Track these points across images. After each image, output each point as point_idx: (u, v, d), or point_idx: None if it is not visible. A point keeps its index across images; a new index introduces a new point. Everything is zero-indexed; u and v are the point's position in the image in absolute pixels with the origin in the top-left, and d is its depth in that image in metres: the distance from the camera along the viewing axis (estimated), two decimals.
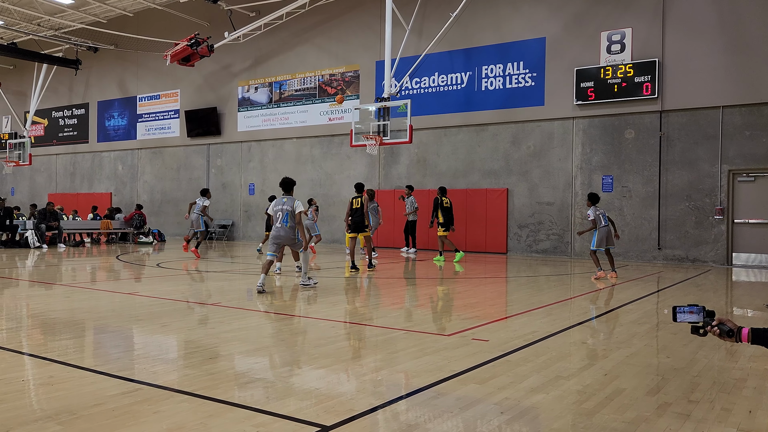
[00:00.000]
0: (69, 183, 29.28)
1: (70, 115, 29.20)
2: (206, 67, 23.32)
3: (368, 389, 4.28)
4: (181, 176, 25.21)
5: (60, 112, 29.54)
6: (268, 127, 22.57)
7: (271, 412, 3.67)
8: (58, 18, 25.19)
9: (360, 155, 20.02)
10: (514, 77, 17.60)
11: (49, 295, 9.09)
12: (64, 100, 29.27)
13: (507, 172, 17.83)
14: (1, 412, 3.62)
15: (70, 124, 29.19)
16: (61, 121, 29.55)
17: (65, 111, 29.36)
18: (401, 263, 15.04)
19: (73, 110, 29.07)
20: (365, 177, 20.33)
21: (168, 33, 23.02)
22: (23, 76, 29.31)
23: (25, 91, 29.06)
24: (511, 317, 7.37)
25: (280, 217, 9.37)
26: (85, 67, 26.85)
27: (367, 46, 20.15)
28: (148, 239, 22.01)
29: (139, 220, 22.32)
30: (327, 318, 7.18)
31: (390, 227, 19.28)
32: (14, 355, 5.15)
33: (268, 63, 22.57)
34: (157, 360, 5.08)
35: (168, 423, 3.47)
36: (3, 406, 3.76)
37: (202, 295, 9.29)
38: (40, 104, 27.41)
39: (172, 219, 24.96)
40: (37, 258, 15.38)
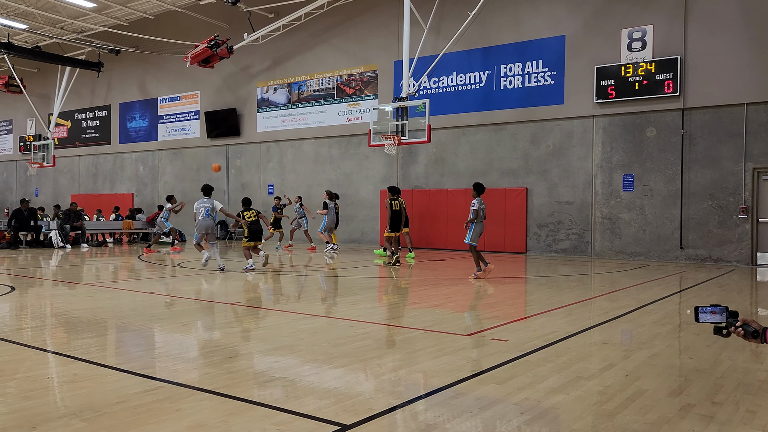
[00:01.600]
0: (91, 184, 29.70)
1: (92, 117, 29.61)
2: (226, 68, 23.50)
3: (387, 389, 4.28)
4: (200, 177, 25.42)
5: (83, 114, 29.98)
6: (286, 127, 22.68)
7: (290, 411, 3.69)
8: (80, 21, 25.57)
9: (378, 155, 20.04)
10: (533, 76, 17.49)
11: (72, 295, 9.23)
12: (87, 102, 29.70)
13: (526, 172, 17.72)
14: (27, 409, 3.68)
15: (92, 125, 29.61)
16: (83, 123, 29.99)
17: (88, 113, 29.79)
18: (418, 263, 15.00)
19: (95, 112, 29.49)
20: (383, 177, 20.35)
21: (188, 35, 23.25)
22: (47, 78, 29.79)
23: (48, 94, 29.53)
24: (530, 317, 7.33)
25: (202, 212, 12.85)
26: (107, 69, 27.23)
27: (385, 46, 20.16)
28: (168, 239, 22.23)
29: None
30: (346, 317, 7.19)
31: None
32: (39, 353, 5.24)
33: (286, 64, 22.68)
34: (178, 358, 5.13)
35: (189, 421, 3.50)
36: (29, 403, 3.83)
37: (221, 294, 9.37)
38: (63, 106, 27.84)
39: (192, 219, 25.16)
40: (61, 258, 15.63)
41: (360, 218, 20.86)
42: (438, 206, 18.98)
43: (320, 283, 11.06)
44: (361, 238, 20.79)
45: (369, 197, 20.57)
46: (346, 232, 20.98)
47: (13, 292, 8.94)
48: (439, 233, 18.98)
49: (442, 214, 18.91)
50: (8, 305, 7.91)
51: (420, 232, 19.18)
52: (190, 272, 12.32)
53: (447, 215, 18.75)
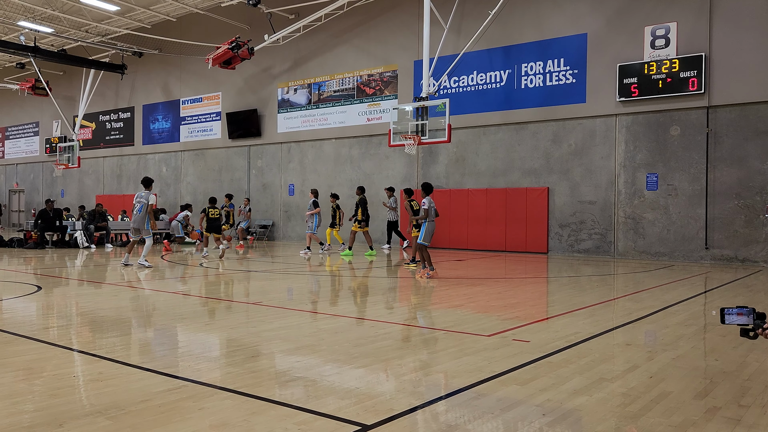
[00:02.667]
0: (116, 185, 30.13)
1: (116, 119, 30.04)
2: (247, 69, 23.67)
3: (408, 389, 4.28)
4: (222, 177, 25.66)
5: (107, 116, 30.43)
6: (307, 128, 22.78)
7: (312, 411, 3.71)
8: (104, 24, 25.96)
9: (398, 155, 20.03)
10: (554, 74, 17.34)
11: (97, 294, 9.37)
12: (111, 104, 30.14)
13: (548, 171, 17.58)
14: (55, 407, 3.75)
15: (116, 127, 30.04)
16: (107, 125, 30.44)
17: (112, 115, 30.23)
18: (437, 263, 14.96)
19: (119, 114, 29.91)
20: (404, 177, 20.33)
21: (210, 37, 23.47)
22: (72, 81, 30.30)
23: (74, 96, 30.05)
24: (552, 318, 7.27)
25: (137, 207, 12.78)
26: (131, 71, 27.62)
27: (405, 45, 20.14)
28: (191, 239, 22.47)
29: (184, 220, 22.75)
30: (367, 317, 7.20)
31: None
32: (65, 351, 5.33)
33: (307, 64, 22.78)
34: (200, 358, 5.18)
35: (212, 419, 3.54)
36: (56, 400, 3.90)
37: (243, 294, 9.44)
38: (87, 108, 28.30)
39: None
40: (86, 258, 15.87)
41: (381, 218, 20.85)
42: (458, 206, 18.92)
43: (341, 283, 11.09)
44: (382, 239, 20.78)
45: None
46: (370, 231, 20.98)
47: (40, 291, 9.11)
48: (460, 233, 18.91)
49: (463, 214, 18.85)
50: (35, 304, 8.06)
51: (440, 232, 19.09)
52: (211, 272, 12.43)
53: (468, 215, 18.69)
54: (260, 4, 20.59)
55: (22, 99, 32.85)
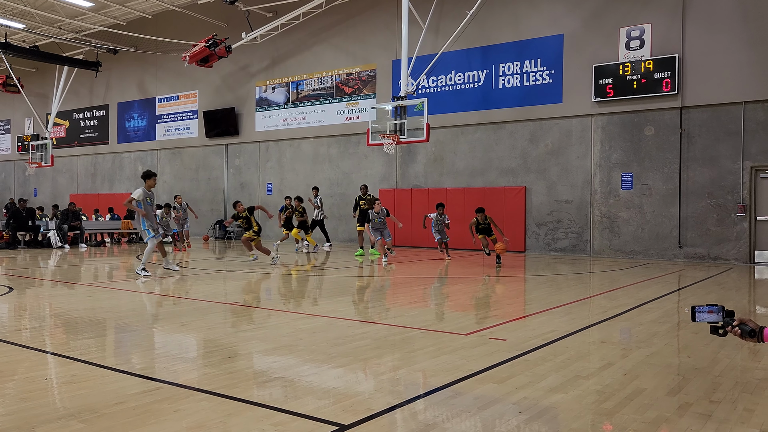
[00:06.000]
0: (90, 184, 29.68)
1: (90, 117, 29.60)
2: (224, 67, 23.48)
3: (386, 388, 4.28)
4: (200, 176, 25.43)
5: (81, 114, 29.96)
6: (285, 126, 22.68)
7: (289, 411, 3.69)
8: (78, 21, 25.54)
9: (377, 154, 20.04)
10: (531, 75, 17.49)
11: (71, 295, 9.23)
12: (85, 101, 29.68)
13: (525, 170, 17.74)
14: (25, 410, 3.68)
15: (90, 125, 29.60)
16: (82, 123, 29.97)
17: (86, 112, 29.78)
18: (415, 262, 15.00)
19: (93, 112, 29.47)
20: (382, 176, 20.35)
21: (186, 34, 23.23)
22: (45, 78, 29.76)
23: (46, 93, 29.51)
24: (529, 316, 7.33)
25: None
26: (105, 69, 27.20)
27: (383, 45, 20.16)
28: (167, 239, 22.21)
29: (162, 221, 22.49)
30: (344, 317, 7.20)
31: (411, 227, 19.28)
32: (37, 353, 5.23)
33: (285, 63, 22.67)
34: (176, 359, 5.13)
35: (188, 421, 3.50)
36: (27, 404, 3.82)
37: (220, 294, 9.37)
38: (61, 106, 27.80)
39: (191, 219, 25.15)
40: (59, 258, 15.61)
41: None
42: None
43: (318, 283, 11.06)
44: None
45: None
46: (346, 231, 21.00)
47: (12, 292, 8.94)
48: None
49: None
50: (6, 306, 7.90)
51: (420, 231, 19.17)
52: (189, 272, 12.31)
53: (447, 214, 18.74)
54: (237, 1, 20.45)
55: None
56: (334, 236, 20.66)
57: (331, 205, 21.27)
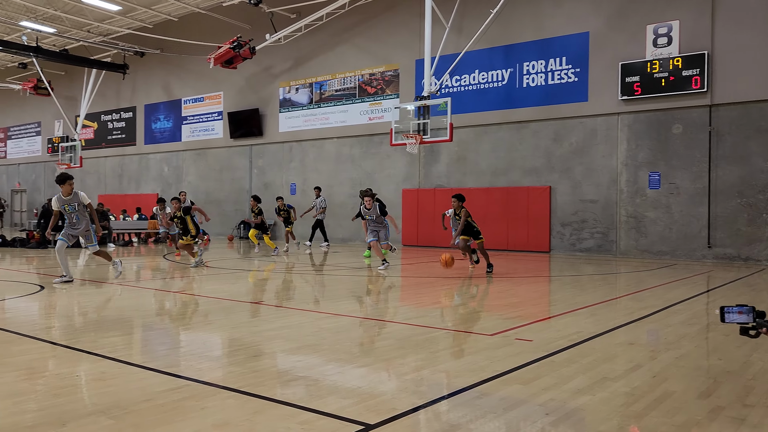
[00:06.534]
0: (117, 184, 30.15)
1: (118, 119, 30.07)
2: (248, 69, 23.67)
3: (410, 388, 4.27)
4: (224, 177, 25.68)
5: (109, 116, 30.45)
6: (308, 127, 22.78)
7: (314, 410, 3.70)
8: (106, 24, 25.97)
9: (400, 154, 20.02)
10: (556, 73, 17.32)
11: (99, 294, 9.38)
12: (113, 103, 30.16)
13: (549, 170, 17.57)
14: (57, 406, 3.75)
15: (118, 127, 30.06)
16: (109, 125, 30.46)
17: (113, 114, 30.25)
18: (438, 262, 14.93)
19: (121, 113, 29.93)
20: (405, 176, 20.34)
21: (211, 36, 23.46)
22: (74, 81, 30.32)
23: (75, 96, 30.06)
24: (554, 317, 7.26)
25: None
26: (132, 71, 27.63)
27: (406, 45, 20.13)
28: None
29: None
30: (367, 317, 7.20)
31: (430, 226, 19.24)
32: (68, 351, 5.33)
33: (308, 64, 22.78)
34: (202, 357, 5.18)
35: (215, 419, 3.53)
36: (58, 400, 3.90)
37: (244, 293, 9.44)
38: (89, 108, 28.31)
39: (216, 219, 25.41)
40: (88, 257, 15.87)
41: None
42: None
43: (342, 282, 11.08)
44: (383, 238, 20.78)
45: (390, 196, 20.53)
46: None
47: (42, 291, 9.11)
48: None
49: None
50: (37, 304, 8.06)
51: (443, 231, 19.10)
52: (214, 272, 12.43)
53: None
54: (261, 3, 20.60)
55: (24, 99, 32.89)
56: (356, 236, 20.70)
57: (355, 205, 21.30)
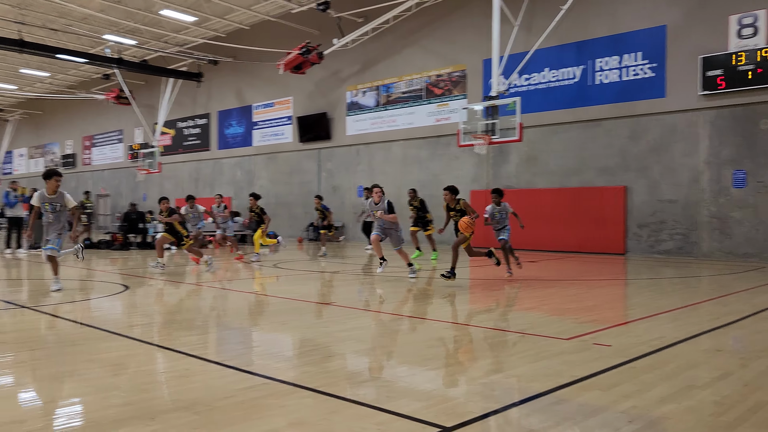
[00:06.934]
0: (193, 188, 31.32)
1: (193, 125, 31.25)
2: (316, 73, 24.09)
3: (484, 392, 4.22)
4: (293, 180, 26.22)
5: (185, 123, 31.70)
6: (375, 130, 22.95)
7: (390, 411, 3.71)
8: (182, 35, 27.07)
9: (467, 155, 19.85)
10: (631, 69, 16.72)
11: (178, 293, 9.76)
12: (188, 111, 31.37)
13: (624, 169, 16.97)
14: (145, 401, 3.93)
15: (193, 133, 31.24)
16: (185, 131, 31.70)
17: (189, 121, 31.47)
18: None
19: (196, 120, 31.10)
20: (473, 177, 20.14)
21: (281, 43, 24.02)
22: (152, 90, 31.75)
23: (154, 104, 31.46)
24: (633, 322, 6.99)
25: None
26: (206, 79, 28.69)
27: (473, 44, 19.95)
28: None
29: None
30: (439, 319, 7.16)
31: None
32: (152, 348, 5.57)
33: (375, 67, 22.95)
34: (278, 357, 5.30)
35: (293, 417, 3.60)
36: (146, 395, 4.08)
37: (316, 294, 9.59)
38: (167, 116, 29.60)
39: (287, 221, 26.00)
40: (166, 258, 16.55)
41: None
42: (529, 206, 18.53)
43: (408, 284, 11.09)
44: (452, 240, 20.66)
45: None
46: (436, 234, 20.92)
47: (126, 290, 9.57)
48: (531, 234, 18.47)
49: (534, 214, 18.43)
50: (122, 303, 8.47)
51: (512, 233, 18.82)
52: (285, 273, 12.70)
53: (539, 215, 18.27)
54: (329, 9, 20.92)
55: (107, 108, 34.70)
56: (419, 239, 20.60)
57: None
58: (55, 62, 30.89)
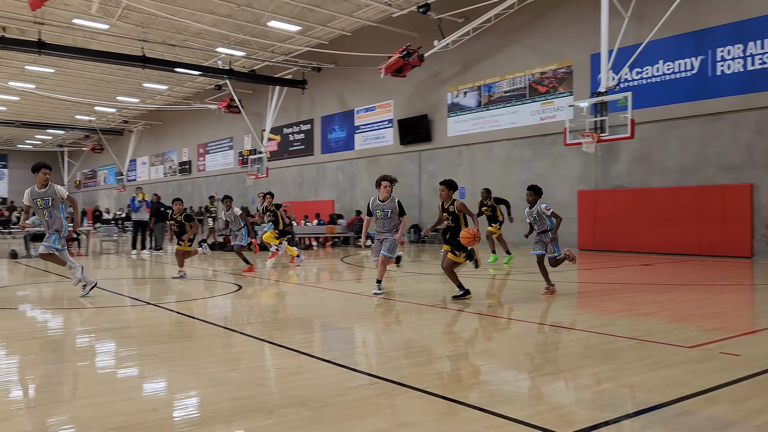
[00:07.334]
0: (298, 192, 32.43)
1: (298, 131, 32.35)
2: (417, 76, 24.18)
3: (601, 400, 4.03)
4: None
5: (290, 129, 32.88)
6: (477, 130, 22.68)
7: (500, 415, 3.63)
8: (287, 44, 28.11)
9: (573, 154, 19.16)
10: (757, 58, 15.44)
11: (288, 293, 10.10)
12: (293, 117, 32.52)
13: (750, 166, 15.70)
14: (263, 395, 4.09)
15: (298, 138, 32.34)
16: (290, 137, 32.88)
17: (294, 127, 32.61)
18: (620, 267, 14.00)
19: (300, 126, 32.17)
20: (580, 177, 19.42)
21: (381, 47, 24.33)
22: (260, 98, 33.19)
23: (261, 112, 32.89)
24: (764, 330, 6.44)
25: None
26: (310, 85, 29.63)
27: (579, 39, 19.23)
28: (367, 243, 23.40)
29: (359, 225, 23.86)
30: (548, 323, 6.94)
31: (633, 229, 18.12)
32: (267, 345, 5.79)
33: (476, 67, 22.71)
34: (387, 356, 5.34)
35: (403, 417, 3.61)
36: (263, 389, 4.25)
37: (419, 295, 9.60)
38: (273, 123, 30.86)
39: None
40: (275, 259, 17.21)
41: None
42: (643, 207, 17.60)
43: (514, 287, 10.84)
44: None
45: (565, 198, 19.74)
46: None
47: (240, 290, 10.04)
48: (645, 236, 17.56)
49: (648, 215, 17.49)
50: (237, 302, 8.88)
51: (623, 234, 17.96)
52: (388, 274, 12.81)
53: (653, 216, 17.31)
54: (430, 10, 20.94)
55: (219, 117, 36.66)
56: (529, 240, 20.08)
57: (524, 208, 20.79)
58: (172, 76, 33.06)
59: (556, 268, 9.84)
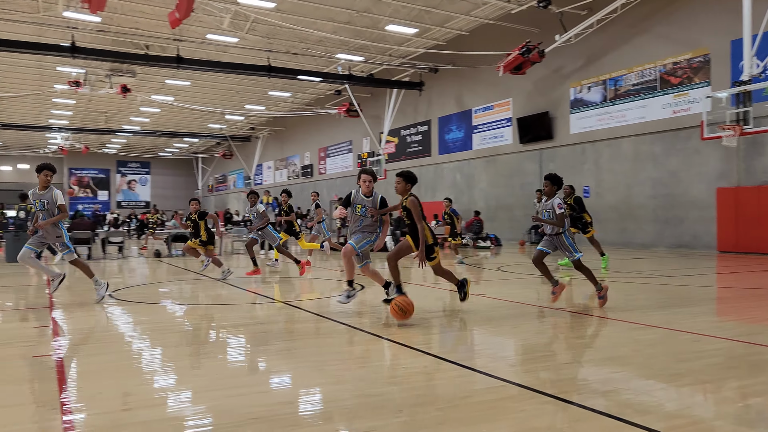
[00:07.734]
0: (416, 193, 32.61)
1: (415, 132, 32.62)
2: (536, 72, 23.53)
3: (748, 416, 3.71)
4: (513, 182, 25.92)
5: (407, 130, 33.23)
6: (602, 126, 21.68)
7: (636, 425, 3.45)
8: (405, 47, 28.44)
9: (711, 149, 17.76)
10: None
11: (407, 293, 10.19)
12: (410, 119, 32.83)
13: None
14: (392, 393, 4.19)
15: (415, 140, 32.61)
16: (408, 138, 33.22)
17: (411, 129, 32.91)
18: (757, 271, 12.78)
19: (417, 127, 32.42)
20: (719, 173, 17.99)
21: (500, 45, 23.92)
22: (378, 101, 33.84)
23: (379, 115, 33.52)
24: None
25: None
26: (427, 87, 29.75)
27: (717, 25, 17.80)
28: (485, 244, 23.18)
29: (478, 225, 23.66)
30: (687, 330, 6.49)
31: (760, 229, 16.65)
32: (391, 344, 5.90)
33: (601, 60, 21.71)
34: (512, 360, 5.25)
35: (535, 422, 3.54)
36: (393, 387, 4.36)
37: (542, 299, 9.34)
38: (391, 125, 31.33)
39: (507, 224, 25.81)
40: None
41: (691, 220, 18.78)
42: None
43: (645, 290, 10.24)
44: (693, 242, 18.68)
45: (701, 196, 18.38)
46: (673, 236, 19.11)
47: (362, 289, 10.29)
48: None
49: None
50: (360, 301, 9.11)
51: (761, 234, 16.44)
52: (509, 276, 12.59)
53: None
54: (551, 4, 20.31)
55: (339, 121, 37.81)
56: (658, 241, 18.91)
57: (656, 207, 19.64)
58: (295, 83, 34.57)
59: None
